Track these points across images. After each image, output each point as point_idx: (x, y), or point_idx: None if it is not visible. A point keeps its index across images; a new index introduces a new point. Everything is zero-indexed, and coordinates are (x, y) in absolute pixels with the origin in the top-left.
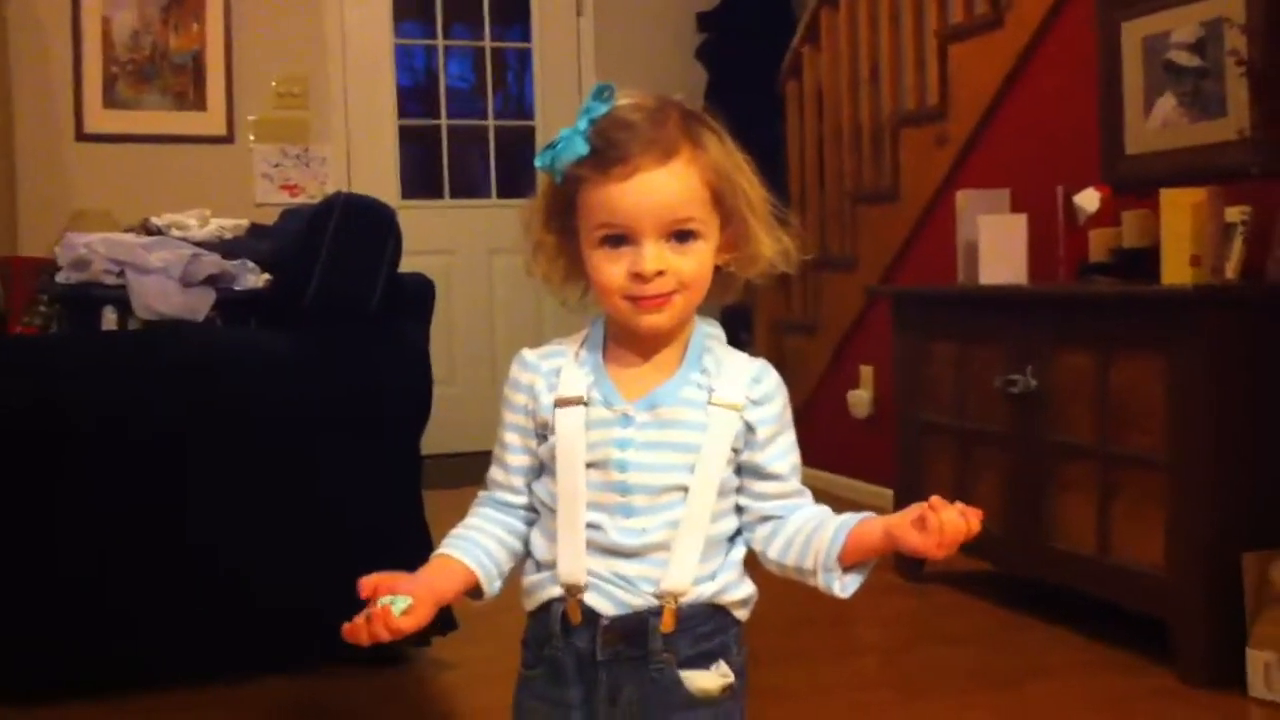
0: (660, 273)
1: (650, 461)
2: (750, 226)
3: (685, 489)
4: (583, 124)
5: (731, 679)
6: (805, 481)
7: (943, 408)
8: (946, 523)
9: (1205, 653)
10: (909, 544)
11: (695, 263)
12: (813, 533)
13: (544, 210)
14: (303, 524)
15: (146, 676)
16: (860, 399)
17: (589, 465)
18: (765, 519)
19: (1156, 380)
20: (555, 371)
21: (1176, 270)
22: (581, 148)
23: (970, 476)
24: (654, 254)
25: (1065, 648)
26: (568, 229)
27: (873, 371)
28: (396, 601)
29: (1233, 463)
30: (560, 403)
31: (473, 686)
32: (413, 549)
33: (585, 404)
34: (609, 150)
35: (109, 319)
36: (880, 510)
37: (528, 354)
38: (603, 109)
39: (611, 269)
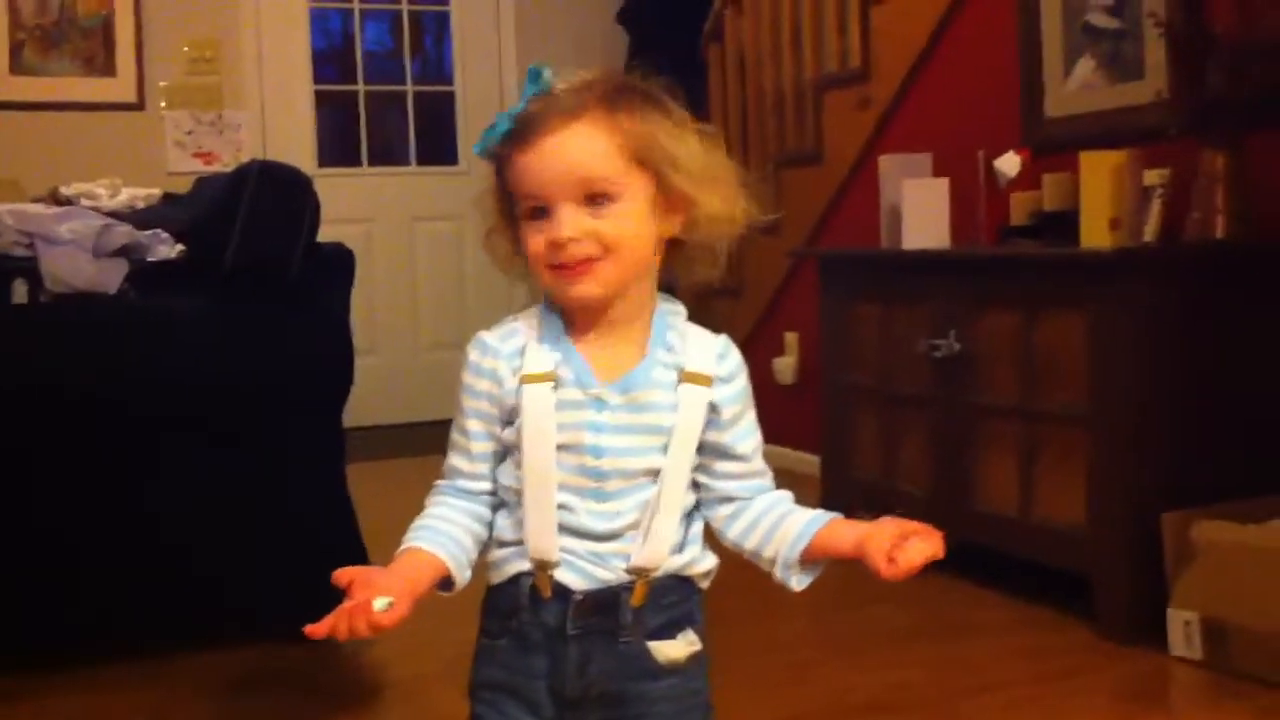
0: (575, 239)
1: (625, 446)
2: (680, 186)
3: (657, 470)
4: (520, 107)
5: (699, 647)
6: None
7: (868, 371)
8: (915, 556)
9: (1125, 610)
10: (875, 567)
11: (614, 226)
12: (776, 524)
13: (490, 197)
14: (224, 499)
15: (66, 652)
16: (785, 365)
17: (559, 447)
18: (727, 499)
19: (1077, 342)
20: (518, 351)
21: (1096, 233)
22: (504, 126)
23: (895, 440)
24: (569, 219)
25: (989, 606)
26: (508, 213)
27: (798, 338)
28: (378, 600)
29: (1152, 422)
30: (527, 379)
31: (406, 658)
32: (337, 522)
33: (554, 382)
34: (523, 125)
35: (19, 291)
36: (808, 479)
37: (486, 337)
38: (534, 90)
39: (535, 239)
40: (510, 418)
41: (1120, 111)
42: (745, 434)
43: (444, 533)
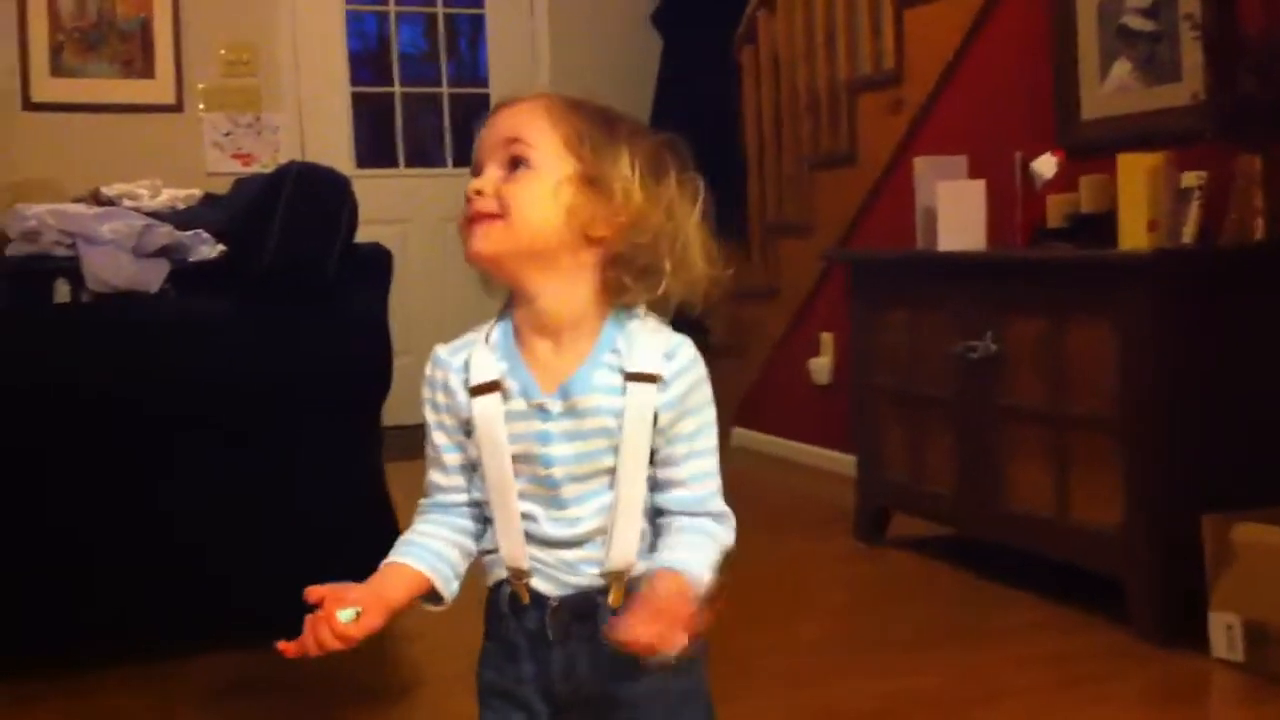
0: (482, 192)
1: (574, 453)
2: (597, 170)
3: (612, 470)
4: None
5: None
6: (767, 450)
7: (900, 373)
8: (626, 635)
9: (1162, 612)
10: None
11: (517, 190)
12: (659, 550)
13: None
14: (264, 498)
15: (94, 647)
16: (821, 366)
17: (514, 458)
18: (659, 510)
19: (1112, 345)
20: (465, 365)
21: (1134, 235)
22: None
23: (926, 441)
24: (487, 174)
25: (1022, 608)
26: None
27: (833, 338)
28: (343, 612)
29: (1189, 425)
30: (475, 390)
31: (435, 657)
32: (377, 522)
33: (502, 392)
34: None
35: (61, 291)
36: (844, 479)
37: (440, 350)
38: None
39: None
40: (468, 430)
41: (1157, 114)
42: (675, 440)
43: (424, 546)
